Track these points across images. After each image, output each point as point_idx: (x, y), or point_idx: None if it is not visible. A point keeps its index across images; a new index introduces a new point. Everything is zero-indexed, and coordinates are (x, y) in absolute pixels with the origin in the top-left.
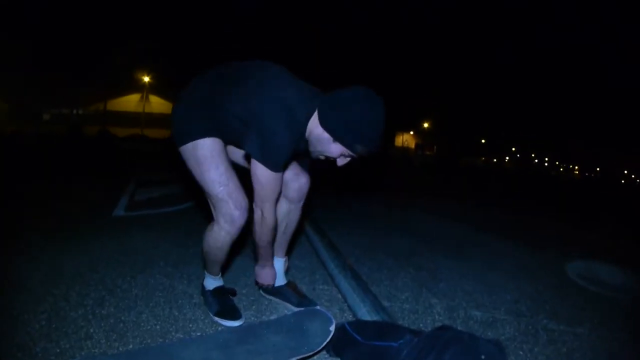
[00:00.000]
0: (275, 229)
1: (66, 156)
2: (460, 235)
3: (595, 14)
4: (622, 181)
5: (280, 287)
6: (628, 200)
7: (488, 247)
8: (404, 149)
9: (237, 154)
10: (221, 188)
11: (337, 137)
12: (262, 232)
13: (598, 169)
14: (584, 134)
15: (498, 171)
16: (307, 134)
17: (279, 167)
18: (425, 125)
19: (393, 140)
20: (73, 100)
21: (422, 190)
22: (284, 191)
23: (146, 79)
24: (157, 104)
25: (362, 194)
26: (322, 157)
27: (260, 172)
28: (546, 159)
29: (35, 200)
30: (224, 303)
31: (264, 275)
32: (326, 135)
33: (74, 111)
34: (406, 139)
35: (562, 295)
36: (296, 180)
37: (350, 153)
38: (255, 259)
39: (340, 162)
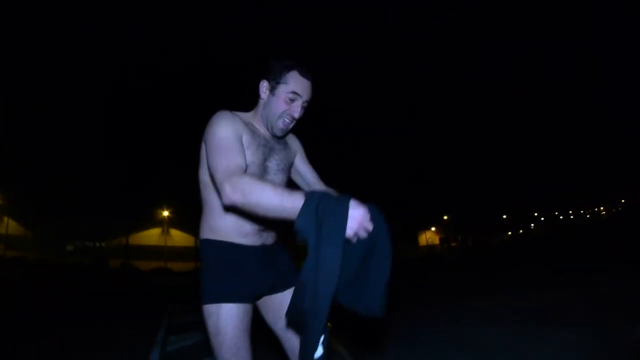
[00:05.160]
0: None
1: (92, 289)
2: (525, 335)
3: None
4: None
5: None
6: None
7: (558, 338)
8: (429, 247)
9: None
10: None
11: (266, 78)
12: None
13: (623, 200)
14: (595, 175)
15: (527, 241)
16: (258, 117)
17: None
18: (445, 217)
19: (416, 241)
20: (96, 233)
21: (461, 289)
22: None
23: (166, 213)
24: (179, 237)
25: (402, 309)
26: (282, 124)
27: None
28: (570, 211)
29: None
30: None
31: None
32: (262, 92)
33: (97, 244)
34: (429, 237)
35: None
36: None
37: (291, 91)
38: None
39: (295, 110)
